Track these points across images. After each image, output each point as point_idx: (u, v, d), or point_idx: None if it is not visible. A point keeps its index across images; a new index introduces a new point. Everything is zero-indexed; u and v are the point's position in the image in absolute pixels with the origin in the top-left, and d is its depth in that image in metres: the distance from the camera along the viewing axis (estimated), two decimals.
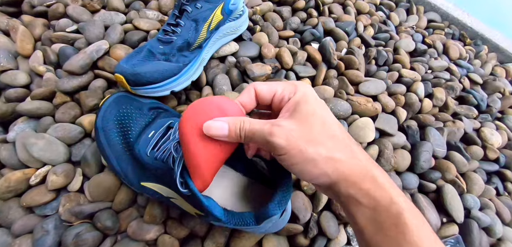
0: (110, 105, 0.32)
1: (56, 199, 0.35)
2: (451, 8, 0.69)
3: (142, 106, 0.34)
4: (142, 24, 0.46)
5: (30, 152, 0.35)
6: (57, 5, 0.47)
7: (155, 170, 0.29)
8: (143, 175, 0.30)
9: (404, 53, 0.56)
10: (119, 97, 0.33)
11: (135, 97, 0.34)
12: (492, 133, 0.52)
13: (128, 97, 0.34)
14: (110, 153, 0.31)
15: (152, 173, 0.29)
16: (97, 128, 0.32)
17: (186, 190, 0.23)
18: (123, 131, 0.32)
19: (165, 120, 0.32)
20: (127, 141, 0.31)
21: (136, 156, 0.30)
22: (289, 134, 0.19)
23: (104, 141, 0.32)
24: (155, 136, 0.30)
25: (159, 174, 0.28)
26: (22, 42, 0.43)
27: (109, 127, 0.32)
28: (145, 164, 0.29)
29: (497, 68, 0.66)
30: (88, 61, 0.41)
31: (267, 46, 0.46)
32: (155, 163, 0.29)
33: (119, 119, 0.32)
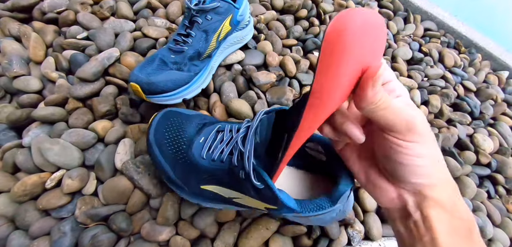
0: (160, 120, 0.33)
1: (71, 202, 0.36)
2: (447, 17, 0.72)
3: (190, 119, 0.34)
4: (151, 32, 0.48)
5: (46, 156, 0.36)
6: (68, 12, 0.49)
7: (213, 171, 0.29)
8: (201, 178, 0.30)
9: (402, 61, 0.59)
10: (167, 112, 0.34)
11: (182, 111, 0.35)
12: (485, 139, 0.54)
13: (176, 112, 0.34)
14: (166, 164, 0.31)
15: (210, 176, 0.29)
16: (150, 142, 0.32)
17: (259, 183, 0.24)
18: (175, 140, 0.32)
19: (213, 127, 0.32)
20: (180, 149, 0.31)
21: (192, 160, 0.30)
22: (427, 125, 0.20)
23: (158, 153, 0.31)
24: (207, 141, 0.30)
25: (218, 175, 0.29)
26: (34, 48, 0.45)
27: (161, 139, 0.32)
28: (201, 166, 0.29)
29: (490, 76, 0.69)
30: (100, 68, 0.42)
31: (272, 55, 0.48)
32: (213, 164, 0.29)
33: (170, 131, 0.32)
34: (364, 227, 0.40)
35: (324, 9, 0.61)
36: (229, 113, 0.42)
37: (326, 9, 0.62)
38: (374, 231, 0.40)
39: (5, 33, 0.49)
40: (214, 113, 0.41)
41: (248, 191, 0.26)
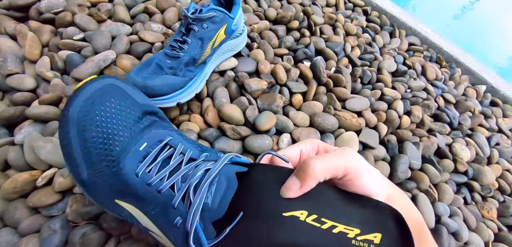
0: (97, 94, 0.23)
1: (62, 200, 0.36)
2: (430, 33, 0.77)
3: (136, 107, 0.26)
4: (147, 36, 0.49)
5: (38, 154, 0.36)
6: (65, 13, 0.50)
7: (143, 195, 0.23)
8: (121, 193, 0.24)
9: (387, 73, 0.62)
10: (110, 86, 0.25)
11: (130, 91, 0.26)
12: (462, 148, 0.58)
13: (121, 90, 0.25)
14: (80, 158, 0.23)
15: (135, 197, 0.23)
16: (70, 118, 0.23)
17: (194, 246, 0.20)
18: (107, 133, 0.23)
19: (163, 134, 0.26)
20: (110, 148, 0.23)
21: (120, 173, 0.23)
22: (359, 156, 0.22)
23: (76, 137, 0.23)
24: (150, 154, 0.24)
25: (145, 202, 0.23)
26: (30, 47, 0.45)
27: (88, 123, 0.23)
28: (131, 184, 0.23)
29: (469, 90, 0.74)
30: (96, 69, 0.43)
31: (264, 63, 0.50)
32: (145, 189, 0.23)
33: (104, 116, 0.23)
34: None
35: (315, 21, 0.64)
36: (221, 118, 0.43)
37: (317, 21, 0.65)
38: None
39: (0, 31, 0.49)
40: (207, 117, 0.43)
41: (175, 239, 0.22)
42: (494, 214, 0.53)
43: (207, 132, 0.42)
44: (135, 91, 0.27)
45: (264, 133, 0.43)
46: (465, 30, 1.17)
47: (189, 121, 0.43)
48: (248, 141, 0.42)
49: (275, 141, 0.44)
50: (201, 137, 0.42)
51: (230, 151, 0.41)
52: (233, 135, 0.42)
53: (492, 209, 0.54)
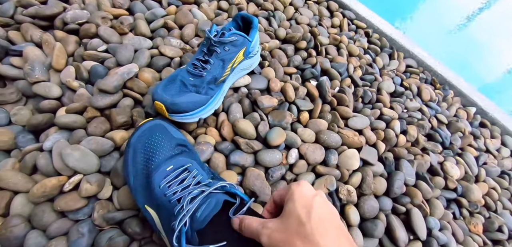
0: (147, 129, 0.36)
1: (87, 205, 0.38)
2: (426, 56, 0.82)
3: (172, 140, 0.37)
4: (167, 51, 0.53)
5: (66, 161, 0.38)
6: (90, 25, 0.53)
7: (161, 202, 0.31)
8: (149, 199, 0.33)
9: (386, 93, 0.67)
10: (156, 125, 0.37)
11: (169, 129, 0.37)
12: (453, 167, 0.62)
13: (163, 127, 0.37)
14: (131, 169, 0.35)
15: (155, 202, 0.32)
16: (130, 144, 0.36)
17: (177, 245, 0.26)
18: (149, 156, 0.35)
19: (185, 161, 0.35)
20: (148, 166, 0.34)
21: (151, 182, 0.33)
22: (272, 234, 0.24)
23: (131, 157, 0.35)
24: (172, 173, 0.33)
25: (161, 207, 0.31)
26: (57, 57, 0.48)
27: (139, 147, 0.35)
28: (154, 192, 0.32)
29: (460, 111, 0.79)
30: (120, 82, 0.46)
31: (274, 81, 0.54)
32: (162, 198, 0.31)
33: (149, 144, 0.35)
34: None
35: (321, 41, 0.68)
36: (235, 132, 0.47)
37: (323, 41, 0.69)
38: (356, 242, 0.46)
39: (26, 38, 0.52)
40: (223, 131, 0.46)
41: (170, 240, 0.28)
42: (480, 229, 0.58)
43: (222, 145, 0.45)
44: (173, 128, 0.38)
45: (275, 147, 0.47)
46: (459, 54, 1.24)
47: (206, 134, 0.46)
48: (260, 154, 0.45)
49: (284, 155, 0.48)
50: (217, 150, 0.45)
51: (243, 164, 0.45)
52: (247, 149, 0.45)
53: (478, 224, 0.58)
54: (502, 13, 1.82)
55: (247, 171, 0.44)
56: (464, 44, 1.38)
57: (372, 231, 0.47)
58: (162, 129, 0.36)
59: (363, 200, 0.49)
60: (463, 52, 1.29)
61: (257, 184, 0.43)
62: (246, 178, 0.44)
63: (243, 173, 0.45)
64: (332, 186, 0.47)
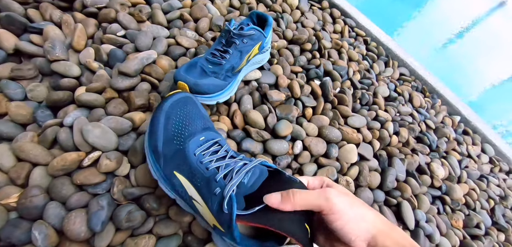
0: (181, 99, 0.37)
1: (106, 180, 0.40)
2: (418, 66, 0.89)
3: (202, 115, 0.38)
4: (183, 41, 0.55)
5: (86, 137, 0.40)
6: (109, 10, 0.55)
7: (195, 169, 0.32)
8: (180, 166, 0.33)
9: (381, 97, 0.72)
10: (188, 98, 0.38)
11: (198, 104, 0.39)
12: (438, 167, 0.69)
13: (194, 102, 0.38)
14: (161, 135, 0.34)
15: (189, 169, 0.32)
16: (163, 110, 0.35)
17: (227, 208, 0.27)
18: (181, 125, 0.35)
19: (214, 135, 0.36)
20: (182, 133, 0.34)
21: (185, 150, 0.33)
22: (339, 199, 0.26)
23: (163, 123, 0.35)
24: (205, 142, 0.34)
25: (195, 174, 0.32)
26: (78, 37, 0.50)
27: (171, 114, 0.35)
28: (189, 159, 0.32)
29: (446, 118, 0.86)
30: (140, 66, 0.49)
31: (282, 77, 0.58)
32: (199, 166, 0.32)
33: (183, 113, 0.36)
34: None
35: (325, 45, 0.73)
36: (246, 121, 0.50)
37: (326, 45, 0.74)
38: None
39: (45, 17, 0.53)
40: (235, 120, 0.50)
41: (211, 204, 0.30)
42: (460, 224, 0.64)
43: (235, 132, 0.49)
44: (201, 106, 0.40)
45: (282, 138, 0.51)
46: (448, 67, 1.34)
47: (219, 121, 0.50)
48: (268, 143, 0.49)
49: (290, 146, 0.52)
50: (229, 136, 0.49)
51: (253, 151, 0.48)
52: (257, 138, 0.49)
53: (459, 219, 0.64)
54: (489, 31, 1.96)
55: (256, 157, 0.48)
56: (454, 59, 1.49)
57: None
58: (193, 102, 0.38)
59: (360, 191, 0.53)
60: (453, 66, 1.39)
61: None
62: None
63: None
64: (332, 176, 0.51)
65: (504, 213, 0.76)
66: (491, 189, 0.78)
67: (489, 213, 0.73)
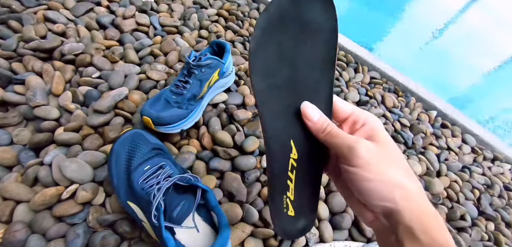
0: (127, 137, 0.43)
1: (83, 210, 0.43)
2: (388, 69, 0.92)
3: (149, 145, 0.43)
4: (153, 75, 0.60)
5: (64, 172, 0.44)
6: (85, 55, 0.60)
7: (140, 195, 0.38)
8: (131, 195, 0.39)
9: (351, 103, 0.75)
10: (135, 134, 0.43)
11: (147, 136, 0.44)
12: (414, 164, 0.70)
13: (141, 136, 0.44)
14: (114, 172, 0.41)
15: (136, 197, 0.38)
16: (113, 150, 0.42)
17: (156, 222, 0.33)
18: (129, 158, 0.41)
19: (160, 160, 0.42)
20: (129, 167, 0.41)
21: (131, 180, 0.39)
22: (371, 149, 0.21)
23: (114, 161, 0.41)
24: (148, 171, 0.40)
25: (140, 200, 0.37)
26: (57, 84, 0.55)
27: (121, 152, 0.42)
28: (134, 188, 0.38)
29: (422, 114, 0.88)
30: (113, 103, 0.53)
31: (249, 97, 0.62)
32: (141, 192, 0.38)
33: (129, 149, 0.42)
34: (318, 231, 0.51)
35: None
36: (214, 142, 0.54)
37: None
38: (326, 235, 0.51)
39: (27, 69, 0.58)
40: (203, 141, 0.53)
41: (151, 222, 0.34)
42: (443, 218, 0.64)
43: (203, 153, 0.52)
44: (149, 135, 0.44)
45: (250, 154, 0.54)
46: (420, 65, 1.37)
47: (188, 145, 0.53)
48: (236, 160, 0.52)
49: (258, 160, 0.54)
50: (198, 158, 0.52)
51: (222, 168, 0.51)
52: (225, 156, 0.52)
53: (441, 214, 0.65)
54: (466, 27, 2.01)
55: (225, 175, 0.51)
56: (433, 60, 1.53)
57: (340, 223, 0.53)
58: (140, 136, 0.43)
59: (331, 196, 0.55)
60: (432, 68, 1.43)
61: (235, 186, 0.49)
62: (225, 181, 0.50)
63: (222, 177, 0.51)
64: None
65: (491, 201, 0.75)
66: (475, 179, 0.78)
67: (475, 204, 0.72)
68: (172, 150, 0.51)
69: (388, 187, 0.20)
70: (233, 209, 0.47)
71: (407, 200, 0.20)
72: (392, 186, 0.20)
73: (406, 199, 0.20)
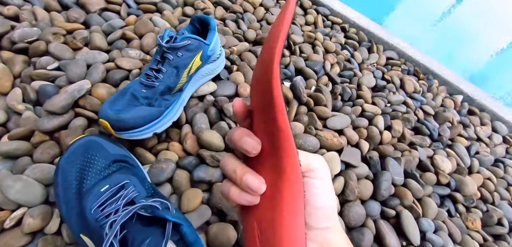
0: (78, 148, 0.32)
1: (33, 241, 0.34)
2: (407, 47, 0.80)
3: (108, 156, 0.33)
4: (124, 63, 0.48)
5: (6, 194, 0.34)
6: (39, 43, 0.48)
7: (93, 229, 0.28)
8: (83, 227, 0.29)
9: (366, 89, 0.64)
10: (89, 142, 0.33)
11: (105, 145, 0.34)
12: (443, 160, 0.59)
13: (97, 144, 0.33)
14: (62, 197, 0.31)
15: (89, 230, 0.29)
16: (59, 166, 0.32)
17: None
18: (81, 177, 0.31)
19: (122, 178, 0.31)
20: (80, 189, 0.31)
21: (82, 207, 0.30)
22: None
23: (61, 181, 0.31)
24: (106, 194, 0.30)
25: (94, 234, 0.28)
26: (1, 79, 0.44)
27: (69, 169, 0.31)
28: (87, 218, 0.29)
29: (447, 100, 0.76)
30: (70, 101, 0.42)
31: (243, 85, 0.50)
32: (94, 224, 0.28)
33: (82, 165, 0.32)
34: None
35: (294, 40, 0.65)
36: (200, 145, 0.43)
37: (296, 40, 0.66)
38: None
39: None
40: (185, 145, 0.42)
41: None
42: (478, 224, 0.54)
43: (186, 161, 0.41)
44: (109, 143, 0.34)
45: None
46: (440, 42, 1.23)
47: (167, 150, 0.42)
48: None
49: None
50: (180, 166, 0.41)
51: (210, 179, 0.40)
52: (212, 162, 0.41)
53: (476, 220, 0.54)
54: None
55: (214, 187, 0.40)
56: (448, 34, 1.38)
57: (359, 242, 0.42)
58: (95, 145, 0.33)
59: (348, 207, 0.44)
60: (447, 42, 1.28)
61: (225, 201, 0.39)
62: (213, 196, 0.39)
63: (210, 190, 0.41)
64: None
65: None
66: (510, 174, 0.67)
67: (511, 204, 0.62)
68: (146, 158, 0.40)
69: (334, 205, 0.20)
70: (224, 231, 0.37)
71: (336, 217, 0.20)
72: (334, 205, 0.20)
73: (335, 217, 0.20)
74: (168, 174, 0.39)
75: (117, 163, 0.34)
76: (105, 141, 0.34)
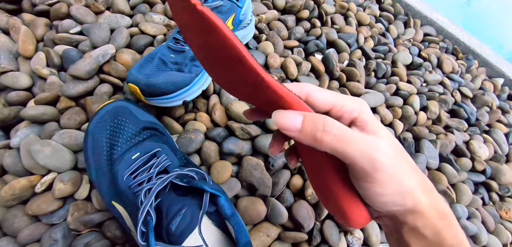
0: (107, 113, 0.31)
1: (63, 207, 0.34)
2: (446, 23, 0.73)
3: (138, 123, 0.32)
4: (148, 28, 0.46)
5: (36, 159, 0.34)
6: (60, 5, 0.46)
7: (126, 196, 0.28)
8: (115, 194, 0.29)
9: (402, 66, 0.59)
10: (117, 107, 0.32)
11: (135, 111, 0.32)
12: (480, 146, 0.55)
13: (127, 109, 0.32)
14: (92, 162, 0.30)
15: (122, 197, 0.28)
16: (89, 132, 0.31)
17: (143, 243, 0.23)
18: (111, 144, 0.30)
19: (154, 146, 0.30)
20: (111, 156, 0.30)
21: (114, 174, 0.29)
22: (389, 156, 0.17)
23: (90, 147, 0.30)
24: (137, 161, 0.29)
25: (127, 202, 0.28)
26: (24, 42, 0.42)
27: (99, 134, 0.31)
28: (119, 185, 0.28)
29: (486, 83, 0.70)
30: (95, 66, 0.40)
31: (273, 56, 0.47)
32: (127, 191, 0.28)
33: (112, 130, 0.31)
34: (363, 234, 0.40)
35: (326, 10, 0.60)
36: (229, 116, 0.41)
37: (328, 10, 0.61)
38: (373, 238, 0.40)
39: None
40: (214, 115, 0.40)
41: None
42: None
43: (214, 132, 0.39)
44: (139, 110, 0.33)
45: None
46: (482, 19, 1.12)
47: (195, 121, 0.40)
48: (258, 141, 0.39)
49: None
50: (208, 137, 0.39)
51: (239, 152, 0.39)
52: (243, 135, 0.39)
53: (510, 209, 0.51)
54: None
55: (243, 160, 0.39)
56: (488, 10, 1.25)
57: None
58: (125, 111, 0.31)
59: None
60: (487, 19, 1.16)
61: (256, 175, 0.37)
62: (243, 169, 0.38)
63: (239, 163, 0.39)
64: None
65: None
66: None
67: None
68: (174, 128, 0.39)
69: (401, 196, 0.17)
70: (254, 205, 0.36)
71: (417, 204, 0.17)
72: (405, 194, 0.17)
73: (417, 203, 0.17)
74: (196, 144, 0.38)
75: (148, 130, 0.32)
76: (134, 106, 0.33)
